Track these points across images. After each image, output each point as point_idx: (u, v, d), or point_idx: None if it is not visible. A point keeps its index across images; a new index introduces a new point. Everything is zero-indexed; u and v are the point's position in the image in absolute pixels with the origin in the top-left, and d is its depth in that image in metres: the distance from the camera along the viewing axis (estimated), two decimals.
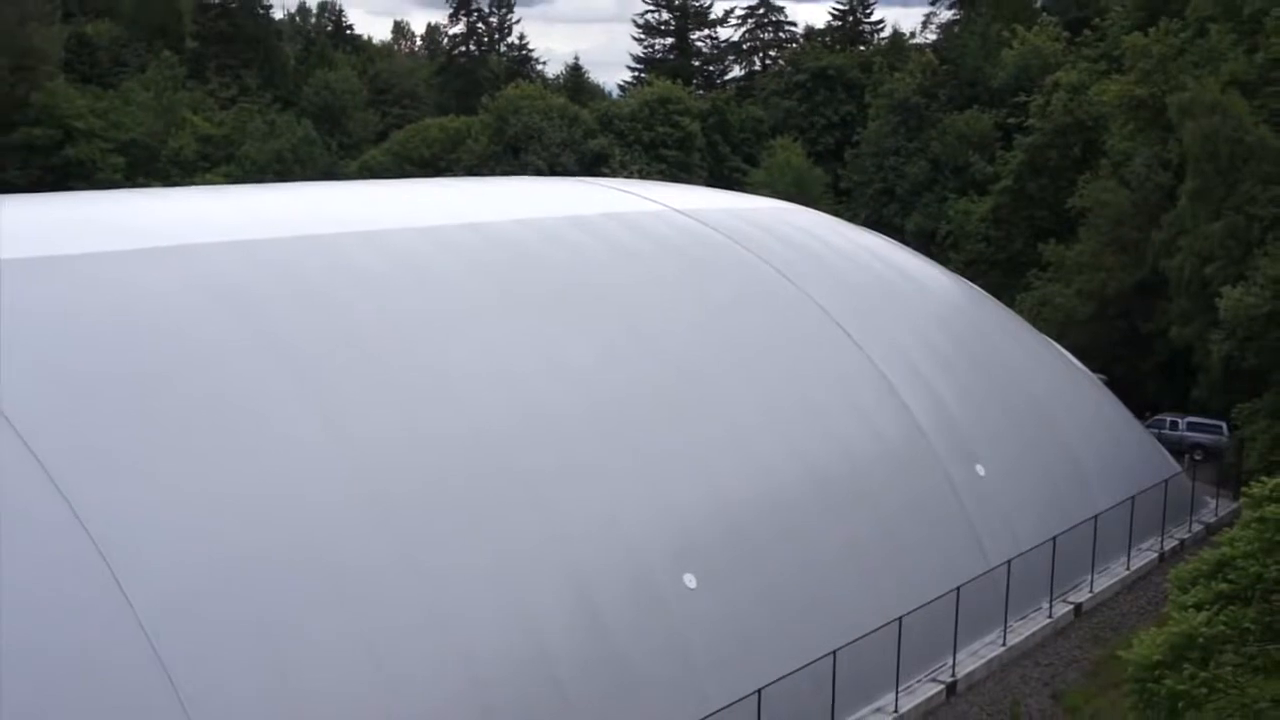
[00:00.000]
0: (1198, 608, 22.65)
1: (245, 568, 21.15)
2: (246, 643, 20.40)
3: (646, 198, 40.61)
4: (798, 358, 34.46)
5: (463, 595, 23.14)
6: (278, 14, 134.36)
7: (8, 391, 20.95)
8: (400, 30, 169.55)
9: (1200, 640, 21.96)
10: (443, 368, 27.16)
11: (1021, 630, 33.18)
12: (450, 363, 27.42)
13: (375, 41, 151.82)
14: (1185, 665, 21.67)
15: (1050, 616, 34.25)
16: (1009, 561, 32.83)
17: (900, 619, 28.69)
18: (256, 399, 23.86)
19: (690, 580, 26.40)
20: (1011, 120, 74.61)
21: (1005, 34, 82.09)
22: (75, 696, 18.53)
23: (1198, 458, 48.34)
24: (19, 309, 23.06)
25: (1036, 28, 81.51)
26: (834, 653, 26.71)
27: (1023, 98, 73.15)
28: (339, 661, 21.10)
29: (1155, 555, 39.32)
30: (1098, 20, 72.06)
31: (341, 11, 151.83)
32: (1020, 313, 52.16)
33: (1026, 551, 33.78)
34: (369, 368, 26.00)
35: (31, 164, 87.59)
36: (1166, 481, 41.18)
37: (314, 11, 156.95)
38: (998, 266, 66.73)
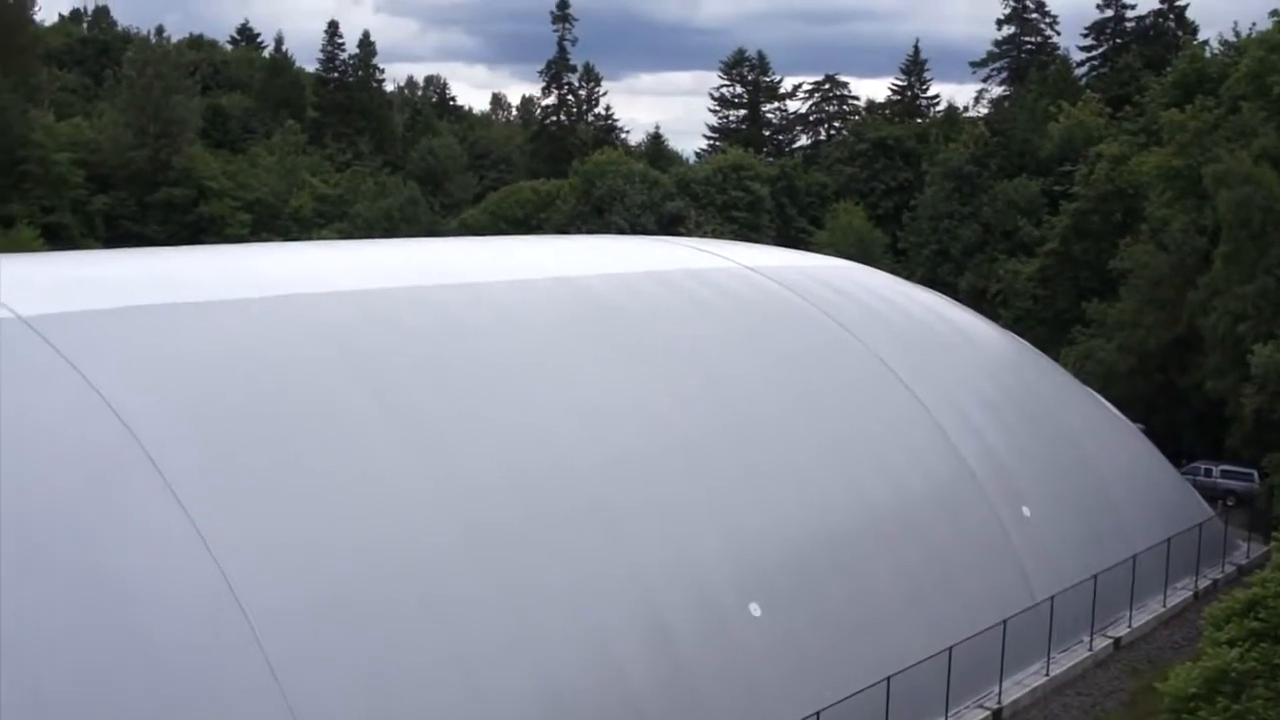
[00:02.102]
0: (1231, 644, 22.20)
1: (350, 589, 21.22)
2: (350, 658, 20.43)
3: (720, 255, 40.56)
4: (856, 403, 34.18)
5: (546, 620, 23.07)
6: (389, 87, 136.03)
7: (144, 419, 21.20)
8: (498, 101, 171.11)
9: (1233, 675, 21.52)
10: (531, 408, 27.20)
11: (1064, 661, 32.56)
12: (538, 404, 27.46)
13: (475, 111, 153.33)
14: (1219, 699, 21.23)
15: (1091, 649, 33.60)
16: (1053, 597, 32.27)
17: (951, 648, 28.24)
18: (363, 435, 24.00)
19: (755, 609, 26.16)
20: (1057, 188, 73.96)
21: (1052, 109, 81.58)
22: (190, 700, 18.63)
23: (1230, 503, 47.35)
24: (160, 349, 23.45)
25: (1081, 103, 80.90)
26: (888, 679, 26.32)
27: (1068, 167, 72.53)
28: (434, 680, 21.08)
29: (1190, 594, 38.51)
30: (1138, 97, 71.46)
31: (445, 85, 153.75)
32: (1065, 366, 51.47)
33: (1069, 588, 33.17)
34: (465, 407, 26.09)
35: (171, 220, 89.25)
36: (1201, 525, 40.39)
37: (421, 85, 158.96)
38: (1044, 323, 65.97)
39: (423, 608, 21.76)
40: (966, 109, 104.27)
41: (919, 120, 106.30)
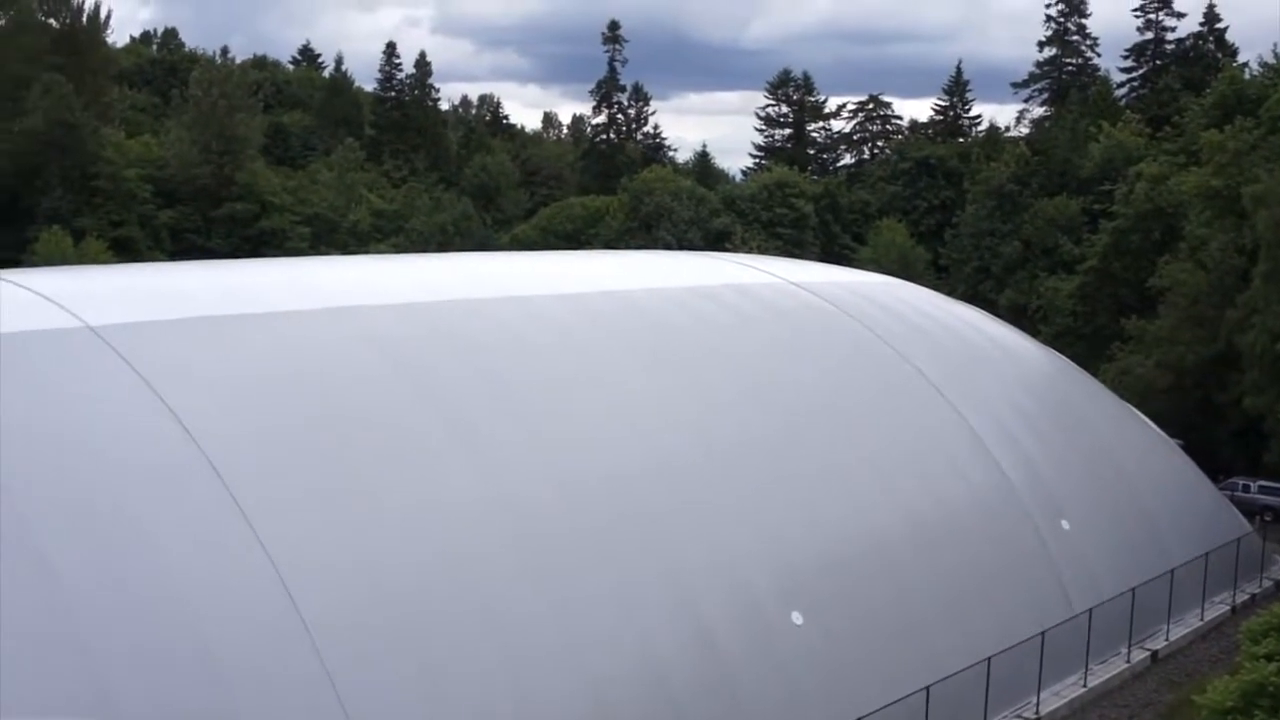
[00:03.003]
0: (1268, 658, 21.88)
1: (404, 596, 21.28)
2: (403, 664, 20.47)
3: (764, 271, 40.47)
4: (897, 415, 33.98)
5: (592, 627, 23.04)
6: (444, 106, 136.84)
7: (206, 426, 21.37)
8: (549, 120, 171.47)
9: (1271, 689, 21.19)
10: (580, 419, 27.22)
11: (1101, 673, 32.17)
12: (587, 414, 27.47)
13: (527, 130, 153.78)
14: (1256, 712, 20.91)
15: (1128, 661, 33.19)
16: (1090, 609, 31.90)
17: (990, 659, 27.97)
18: (416, 443, 24.10)
19: (797, 617, 26.02)
20: (1097, 206, 73.35)
21: (1092, 129, 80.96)
22: (248, 703, 18.72)
23: (1268, 519, 46.77)
24: (223, 359, 23.66)
25: (1121, 124, 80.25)
26: (927, 688, 26.10)
27: (1108, 186, 71.93)
28: (484, 685, 21.10)
29: (1228, 608, 37.98)
30: (1177, 118, 70.81)
31: (499, 104, 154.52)
32: (1104, 382, 50.97)
33: (1107, 600, 32.80)
34: (515, 417, 26.13)
35: (234, 233, 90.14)
36: (1239, 540, 39.82)
37: (475, 104, 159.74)
38: (1083, 339, 65.38)
39: (474, 615, 21.79)
40: (1008, 129, 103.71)
41: (961, 140, 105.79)
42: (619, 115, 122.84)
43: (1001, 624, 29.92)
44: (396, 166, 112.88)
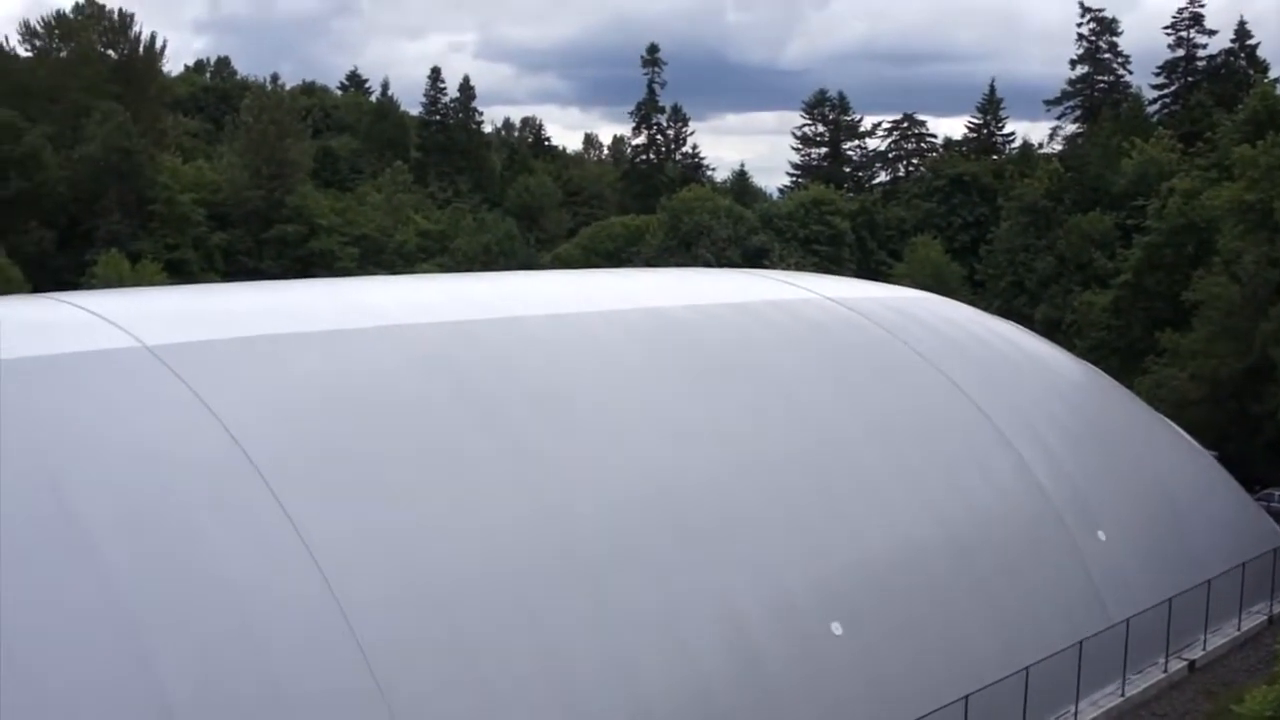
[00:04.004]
0: None
1: (449, 605, 21.33)
2: (448, 672, 20.53)
3: (802, 287, 40.38)
4: (932, 427, 33.79)
5: (635, 636, 23.00)
6: (487, 128, 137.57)
7: (256, 440, 21.54)
8: (590, 141, 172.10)
9: None
10: (623, 432, 27.22)
11: (1139, 683, 31.82)
12: (628, 429, 27.47)
13: (568, 151, 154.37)
14: None
15: (1165, 671, 32.81)
16: (1128, 619, 31.57)
17: (1028, 668, 27.73)
18: (461, 456, 24.17)
19: (837, 627, 25.89)
20: (1130, 221, 72.80)
21: (1125, 145, 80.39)
22: (295, 698, 18.83)
23: None
24: (273, 375, 23.87)
25: (1153, 140, 79.65)
26: (966, 697, 25.91)
27: (1141, 202, 71.37)
28: (528, 696, 21.09)
29: (1264, 618, 37.48)
30: (1210, 134, 70.17)
31: (541, 126, 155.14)
32: (1138, 394, 50.47)
33: (1144, 610, 32.45)
34: (559, 431, 26.17)
35: (284, 255, 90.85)
36: (1275, 550, 39.33)
37: (518, 126, 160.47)
38: (1118, 352, 64.81)
39: (518, 624, 21.80)
40: (1041, 146, 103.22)
41: (995, 157, 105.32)
42: (658, 136, 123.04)
43: (1039, 634, 29.66)
44: (441, 188, 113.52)
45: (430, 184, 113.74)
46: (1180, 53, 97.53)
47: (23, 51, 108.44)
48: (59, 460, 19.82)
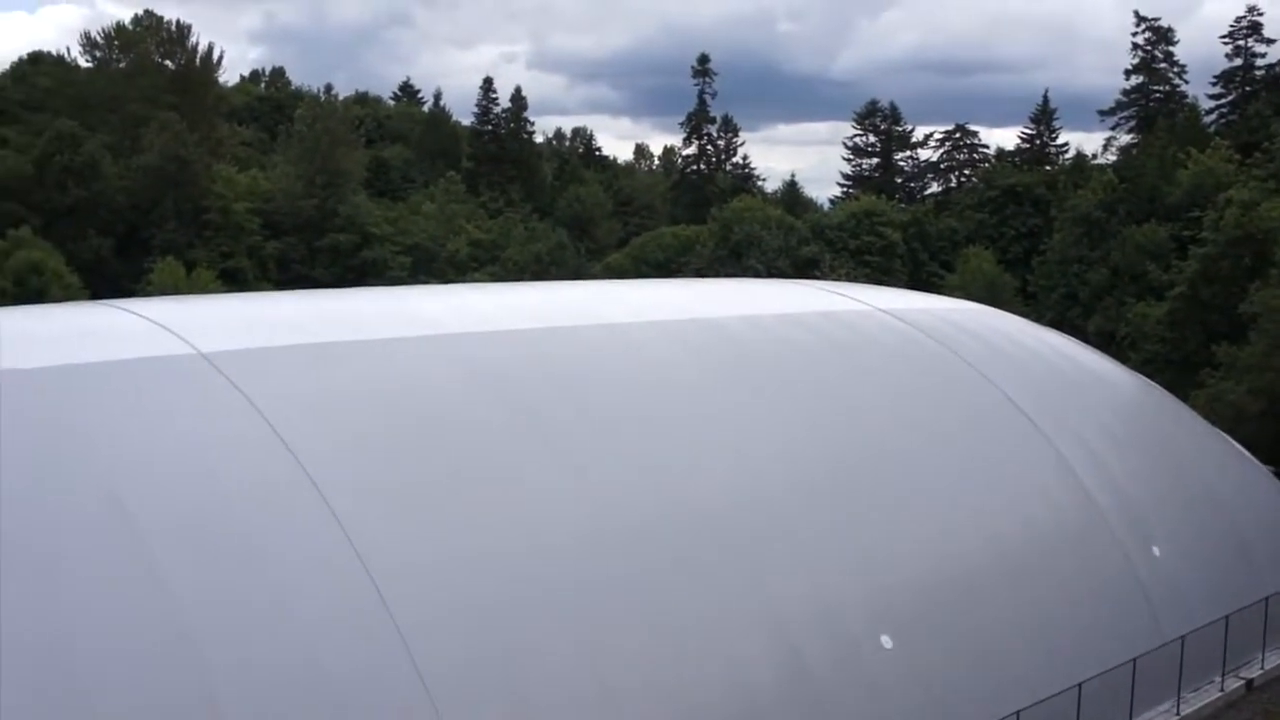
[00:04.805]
0: None
1: (499, 617, 21.33)
2: (497, 683, 20.53)
3: (853, 298, 40.17)
4: (984, 440, 33.46)
5: (681, 646, 22.91)
6: (539, 138, 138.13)
7: (309, 447, 21.66)
8: (641, 151, 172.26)
9: None
10: (672, 443, 27.14)
11: (1194, 701, 31.34)
12: (679, 438, 27.39)
13: (619, 161, 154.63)
14: None
15: (1222, 690, 32.29)
16: (1183, 636, 31.10)
17: (1080, 684, 27.38)
18: (512, 465, 24.19)
19: (887, 640, 25.67)
20: (1186, 233, 71.98)
21: (1181, 155, 79.55)
22: (348, 702, 18.90)
23: None
24: (326, 383, 24.01)
25: (1210, 150, 78.74)
26: (1018, 712, 25.63)
27: (1197, 213, 70.57)
28: (578, 709, 21.06)
29: None
30: (1268, 144, 69.32)
31: (592, 136, 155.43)
32: (1194, 408, 49.82)
33: (1200, 627, 31.96)
34: (609, 442, 26.15)
35: (337, 263, 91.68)
36: None
37: (569, 136, 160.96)
38: (1173, 365, 64.07)
39: (567, 638, 21.76)
40: (1095, 156, 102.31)
41: (1048, 168, 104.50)
42: (709, 146, 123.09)
43: (1092, 649, 29.29)
44: (493, 198, 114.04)
45: (482, 193, 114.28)
46: (1238, 62, 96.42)
47: (83, 62, 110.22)
48: (115, 466, 20.02)
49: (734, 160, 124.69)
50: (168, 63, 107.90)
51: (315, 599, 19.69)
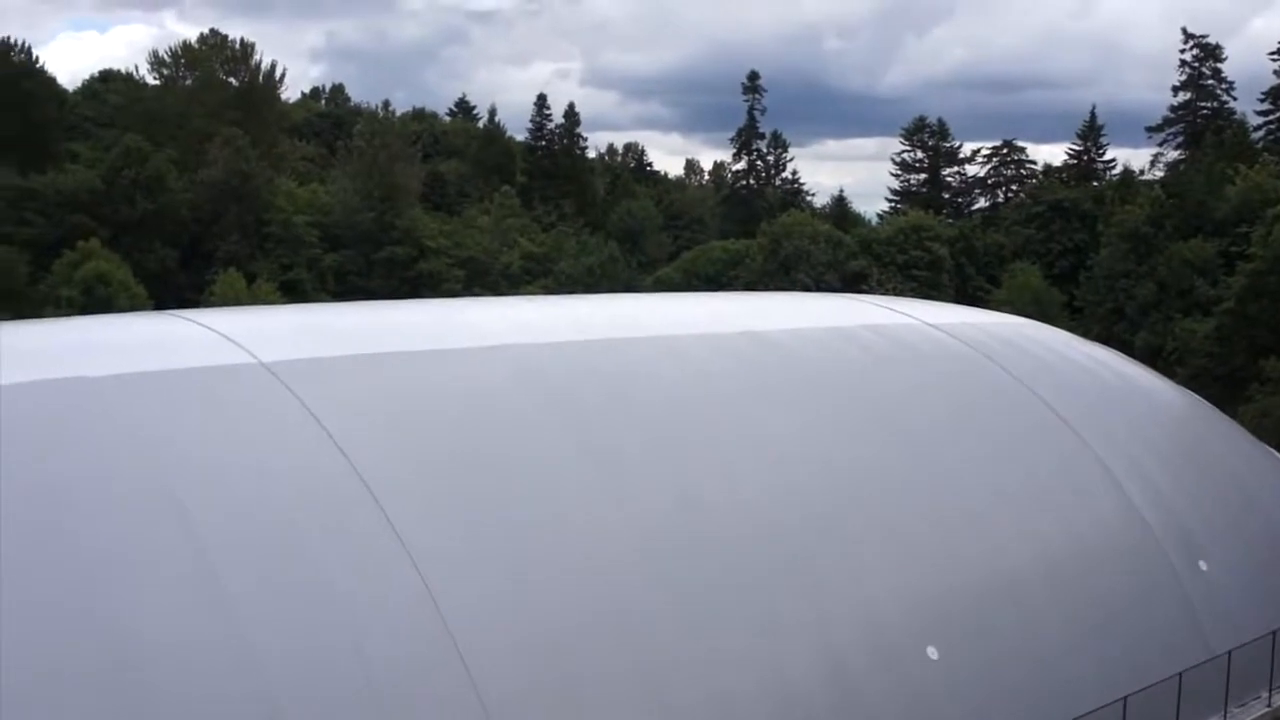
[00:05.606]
0: None
1: (549, 624, 21.35)
2: (548, 688, 20.54)
3: (900, 312, 39.93)
4: (1030, 452, 33.13)
5: (732, 661, 22.82)
6: (591, 154, 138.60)
7: (367, 456, 21.80)
8: (691, 167, 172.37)
9: None
10: (721, 454, 27.07)
11: (1241, 717, 30.78)
12: (727, 450, 27.32)
13: (670, 176, 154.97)
14: None
15: (1270, 705, 31.70)
16: (1230, 651, 30.60)
17: (1126, 698, 27.02)
18: (563, 475, 24.22)
19: (933, 652, 25.45)
20: (1234, 249, 71.22)
21: (1229, 171, 78.65)
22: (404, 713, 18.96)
23: None
24: (383, 393, 24.16)
25: (1258, 165, 77.80)
26: None
27: (1244, 228, 69.75)
28: (625, 711, 21.04)
29: None
30: None
31: (643, 151, 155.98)
32: (1241, 423, 49.15)
33: (1247, 643, 31.44)
34: (659, 451, 26.11)
35: (393, 275, 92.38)
36: None
37: (620, 151, 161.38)
38: (1220, 380, 63.30)
39: (623, 656, 21.72)
40: (1142, 172, 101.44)
41: (1095, 183, 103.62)
42: (758, 162, 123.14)
43: (1136, 663, 28.89)
44: (546, 212, 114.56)
45: (535, 208, 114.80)
46: None
47: (151, 80, 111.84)
48: (177, 471, 20.23)
49: (783, 175, 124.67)
50: (232, 80, 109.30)
51: (372, 610, 19.76)
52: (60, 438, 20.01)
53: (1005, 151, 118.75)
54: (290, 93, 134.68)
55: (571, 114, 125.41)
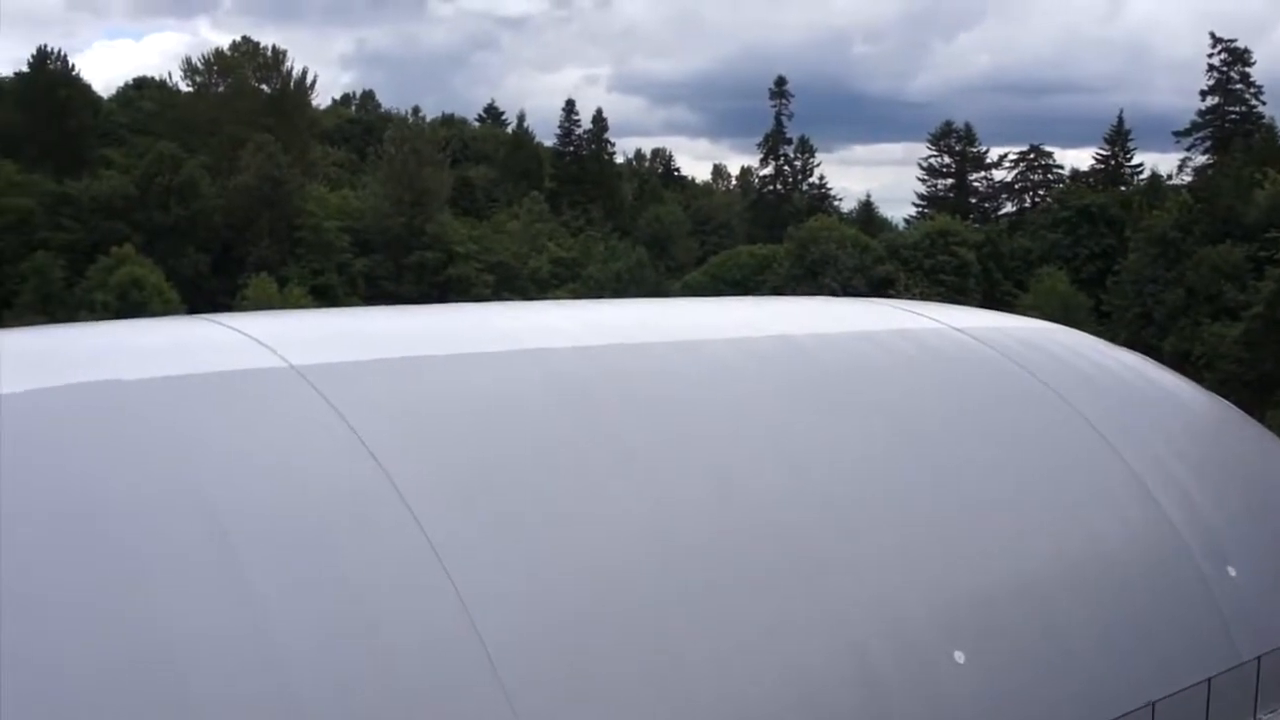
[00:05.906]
0: None
1: (575, 625, 21.34)
2: (571, 688, 20.53)
3: (927, 316, 39.76)
4: (1057, 458, 32.91)
5: (750, 662, 22.75)
6: (619, 159, 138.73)
7: (396, 460, 21.85)
8: (718, 172, 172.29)
9: None
10: (746, 460, 27.00)
11: None
12: (752, 456, 27.25)
13: (698, 181, 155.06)
14: None
15: None
16: (1259, 657, 30.32)
17: (1154, 704, 26.80)
18: (589, 479, 24.20)
19: (960, 656, 25.31)
20: (1263, 253, 70.64)
21: (1257, 176, 78.06)
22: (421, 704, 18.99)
23: None
24: (413, 396, 24.23)
25: None
26: None
27: (1273, 233, 69.18)
28: (644, 704, 21.01)
29: None
30: None
31: (671, 157, 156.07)
32: (1271, 429, 48.70)
33: (1277, 649, 31.13)
34: (685, 455, 26.07)
35: (423, 280, 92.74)
36: None
37: (648, 157, 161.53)
38: (1249, 386, 62.80)
39: (645, 655, 21.70)
40: (1170, 177, 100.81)
41: (1122, 188, 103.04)
42: (785, 167, 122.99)
43: (1164, 669, 28.66)
44: (574, 217, 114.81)
45: (564, 213, 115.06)
46: None
47: (185, 87, 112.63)
48: (208, 472, 20.34)
49: (810, 180, 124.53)
50: (264, 87, 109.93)
51: (399, 608, 19.80)
52: (94, 439, 20.16)
53: (1032, 156, 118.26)
54: (321, 99, 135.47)
55: (600, 119, 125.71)
